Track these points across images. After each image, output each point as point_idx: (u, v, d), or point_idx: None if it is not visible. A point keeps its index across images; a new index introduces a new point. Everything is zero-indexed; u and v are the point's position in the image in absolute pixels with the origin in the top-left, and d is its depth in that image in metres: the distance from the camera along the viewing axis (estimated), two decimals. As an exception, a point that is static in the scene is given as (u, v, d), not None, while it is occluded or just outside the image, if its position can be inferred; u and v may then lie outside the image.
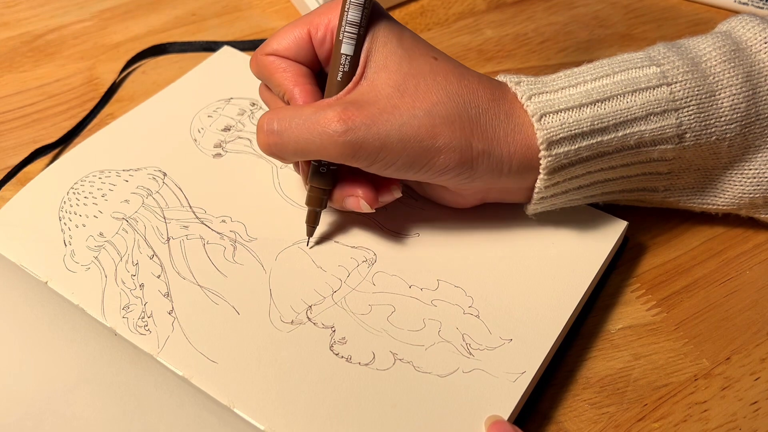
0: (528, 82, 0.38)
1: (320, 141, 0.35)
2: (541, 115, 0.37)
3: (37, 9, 0.59)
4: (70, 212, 0.42)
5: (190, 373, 0.36)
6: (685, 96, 0.38)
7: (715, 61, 0.38)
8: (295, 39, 0.38)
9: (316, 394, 0.35)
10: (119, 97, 0.52)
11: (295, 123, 0.36)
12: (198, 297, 0.39)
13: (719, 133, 0.38)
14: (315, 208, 0.40)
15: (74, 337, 0.37)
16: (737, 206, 0.42)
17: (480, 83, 0.38)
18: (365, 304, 0.39)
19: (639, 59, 0.39)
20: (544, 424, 0.37)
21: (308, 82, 0.38)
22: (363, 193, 0.39)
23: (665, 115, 0.38)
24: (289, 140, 0.36)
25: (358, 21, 0.36)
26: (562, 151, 0.37)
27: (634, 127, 0.37)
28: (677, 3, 0.59)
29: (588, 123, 0.37)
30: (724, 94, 0.38)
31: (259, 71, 0.40)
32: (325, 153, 0.36)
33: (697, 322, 0.41)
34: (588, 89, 0.38)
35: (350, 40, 0.37)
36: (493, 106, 0.37)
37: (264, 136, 0.37)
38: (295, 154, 0.37)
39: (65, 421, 0.35)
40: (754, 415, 0.37)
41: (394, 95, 0.36)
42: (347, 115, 0.35)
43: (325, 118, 0.35)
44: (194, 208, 0.43)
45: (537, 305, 0.39)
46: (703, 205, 0.43)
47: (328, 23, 0.38)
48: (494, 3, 0.60)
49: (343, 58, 0.37)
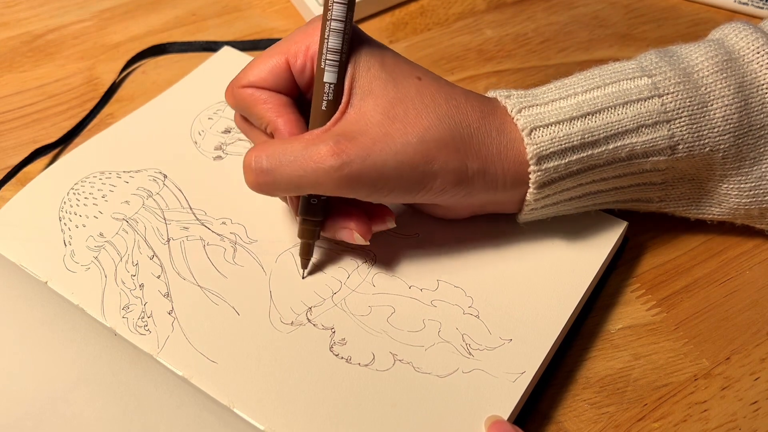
0: (518, 95, 0.38)
1: (315, 177, 0.34)
2: (531, 129, 0.37)
3: (37, 9, 0.59)
4: (70, 212, 0.43)
5: (190, 373, 0.36)
6: (677, 107, 0.37)
7: (707, 71, 0.38)
8: (272, 69, 0.37)
9: (316, 395, 0.35)
10: (119, 97, 0.52)
11: (287, 160, 0.35)
12: (198, 297, 0.39)
13: (712, 144, 0.38)
14: (308, 241, 0.39)
15: (74, 337, 0.37)
16: (733, 216, 0.42)
17: (467, 101, 0.37)
18: (365, 305, 0.39)
19: (630, 70, 0.38)
20: (544, 424, 0.37)
21: (291, 112, 0.37)
22: (356, 226, 0.38)
23: (657, 127, 0.37)
24: (281, 178, 0.35)
25: (339, 48, 0.35)
26: (552, 165, 0.37)
27: (626, 139, 0.37)
28: (677, 3, 0.59)
29: (578, 137, 0.37)
30: (717, 105, 0.38)
31: (237, 104, 0.38)
32: (321, 189, 0.35)
33: (697, 322, 0.41)
34: (579, 102, 0.37)
35: (333, 68, 0.35)
36: (483, 123, 0.37)
37: (253, 175, 0.36)
38: (287, 191, 0.36)
39: (65, 421, 0.35)
40: (754, 415, 0.37)
41: (385, 122, 0.35)
42: (341, 149, 0.34)
43: (318, 153, 0.34)
44: (195, 210, 0.43)
45: (537, 305, 0.39)
46: (699, 215, 0.42)
47: (306, 50, 0.36)
48: (494, 3, 0.60)
49: (327, 87, 0.36)
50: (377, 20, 0.58)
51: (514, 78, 0.54)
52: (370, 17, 0.58)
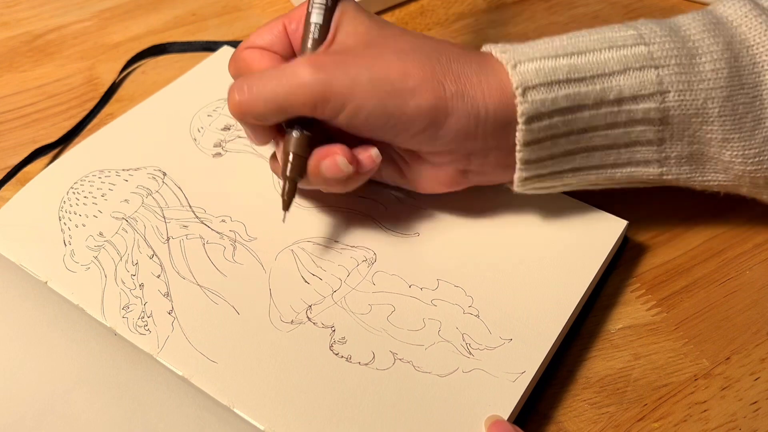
0: (503, 43, 0.39)
1: (289, 86, 0.35)
2: (516, 63, 0.37)
3: (37, 9, 0.59)
4: (69, 212, 0.42)
5: (190, 373, 0.36)
6: (665, 56, 0.37)
7: (695, 30, 0.38)
8: (269, 31, 0.39)
9: (316, 394, 0.35)
10: (119, 97, 0.52)
11: (265, 77, 0.36)
12: (198, 297, 0.39)
13: (705, 95, 0.37)
14: (293, 176, 0.38)
15: (74, 337, 0.37)
16: (738, 184, 0.41)
17: (450, 43, 0.39)
18: (365, 303, 0.39)
19: (617, 26, 0.39)
20: (544, 424, 0.37)
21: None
22: (340, 151, 0.37)
23: (644, 71, 0.37)
24: (259, 94, 0.36)
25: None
26: (539, 98, 0.36)
27: (612, 81, 0.37)
28: (677, 3, 0.59)
29: (564, 72, 0.37)
30: (705, 59, 0.37)
31: (236, 66, 0.40)
32: (294, 99, 0.35)
33: (697, 322, 0.41)
34: (563, 44, 0.38)
35: (320, 10, 0.38)
36: (464, 55, 0.38)
37: (232, 95, 0.37)
38: (265, 110, 0.36)
39: (65, 421, 0.35)
40: (754, 415, 0.37)
41: (365, 50, 0.37)
42: (315, 59, 0.36)
43: (292, 66, 0.36)
44: (194, 208, 0.43)
45: (537, 305, 0.39)
46: (704, 182, 0.41)
47: (301, 17, 0.39)
48: (494, 3, 0.60)
49: (313, 27, 0.38)
50: (377, 20, 0.58)
51: (514, 78, 0.54)
52: (370, 17, 0.58)
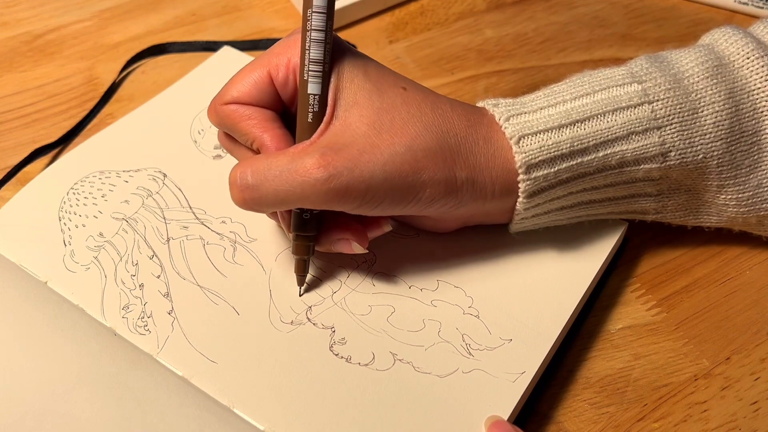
0: (506, 104, 0.38)
1: (301, 191, 0.34)
2: (520, 137, 0.37)
3: (37, 9, 0.59)
4: (69, 212, 0.43)
5: (190, 373, 0.36)
6: (667, 114, 0.37)
7: (698, 77, 0.38)
8: (255, 83, 0.36)
9: (316, 394, 0.35)
10: (119, 97, 0.52)
11: (272, 174, 0.34)
12: (198, 297, 0.39)
13: (705, 150, 0.38)
14: (303, 257, 0.38)
15: (74, 338, 0.37)
16: (731, 224, 0.41)
17: (453, 110, 0.37)
18: (365, 304, 0.39)
19: (620, 76, 0.38)
20: (544, 424, 0.37)
21: (276, 127, 0.36)
22: (353, 236, 0.37)
23: (647, 134, 0.37)
24: (267, 193, 0.34)
25: (322, 58, 0.34)
26: (541, 174, 0.37)
27: (615, 147, 0.37)
28: (677, 3, 0.59)
29: (567, 144, 0.36)
30: (707, 111, 0.37)
31: (220, 121, 0.37)
32: (308, 202, 0.34)
33: (697, 322, 0.41)
34: (567, 109, 0.37)
35: (316, 79, 0.35)
36: (471, 132, 0.37)
37: (238, 191, 0.35)
38: (274, 207, 0.36)
39: (65, 421, 0.35)
40: (754, 415, 0.37)
41: (371, 133, 0.35)
42: (327, 161, 0.33)
43: (303, 166, 0.33)
44: (194, 209, 0.43)
45: (537, 305, 0.39)
46: (697, 223, 0.42)
47: (288, 63, 0.35)
48: (494, 3, 0.60)
49: (312, 98, 0.35)
50: (377, 20, 0.58)
51: (514, 78, 0.54)
52: (370, 17, 0.58)
